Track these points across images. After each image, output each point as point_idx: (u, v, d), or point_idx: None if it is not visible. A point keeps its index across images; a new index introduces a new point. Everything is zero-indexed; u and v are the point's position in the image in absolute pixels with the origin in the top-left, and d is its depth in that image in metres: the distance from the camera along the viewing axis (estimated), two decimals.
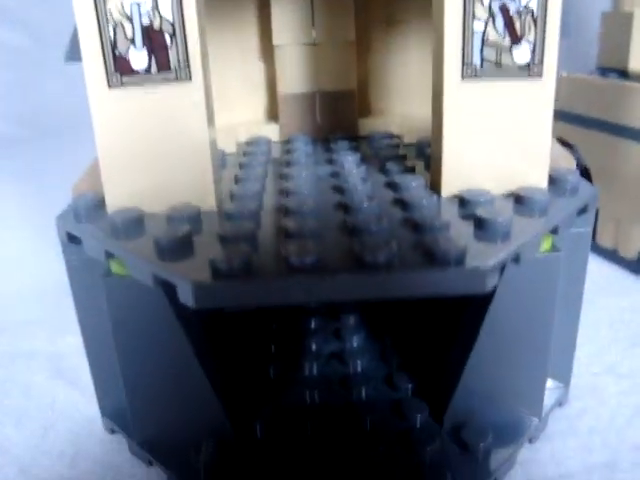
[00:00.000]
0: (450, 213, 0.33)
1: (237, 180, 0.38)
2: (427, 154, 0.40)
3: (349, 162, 0.40)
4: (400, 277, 0.28)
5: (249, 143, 0.45)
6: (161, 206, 0.34)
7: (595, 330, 0.49)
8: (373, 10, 0.47)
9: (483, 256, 0.29)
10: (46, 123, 1.16)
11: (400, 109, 0.49)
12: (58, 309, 0.51)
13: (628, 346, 0.47)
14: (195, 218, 0.33)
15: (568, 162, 0.39)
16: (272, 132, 0.47)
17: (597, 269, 0.57)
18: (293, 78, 0.46)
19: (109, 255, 0.32)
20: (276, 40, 0.45)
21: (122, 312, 0.34)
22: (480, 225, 0.31)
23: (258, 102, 0.49)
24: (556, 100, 0.59)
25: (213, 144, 0.35)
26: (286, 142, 0.46)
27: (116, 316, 0.34)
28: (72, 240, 0.35)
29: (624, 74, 0.73)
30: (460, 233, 0.31)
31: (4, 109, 1.21)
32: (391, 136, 0.46)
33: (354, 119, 0.47)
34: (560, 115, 0.61)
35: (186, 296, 0.28)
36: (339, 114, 0.47)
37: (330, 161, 0.41)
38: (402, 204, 0.34)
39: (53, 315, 0.54)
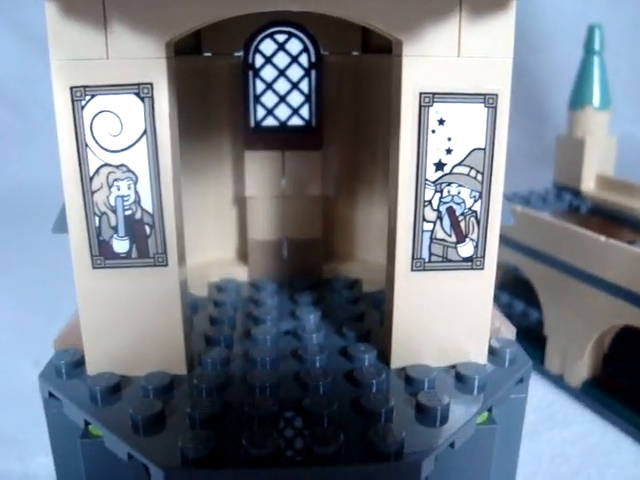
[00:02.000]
0: (396, 392, 0.37)
1: (207, 340, 0.42)
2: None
3: (310, 322, 0.43)
4: (345, 469, 0.31)
5: (220, 288, 0.49)
6: (138, 370, 0.38)
7: (536, 465, 0.52)
8: (340, 167, 0.51)
9: (421, 445, 0.33)
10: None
11: (362, 255, 0.53)
12: (30, 424, 0.54)
13: None
14: (167, 389, 0.36)
15: (508, 332, 0.42)
16: (241, 273, 0.51)
17: (543, 395, 0.61)
18: (262, 226, 0.50)
19: (87, 422, 0.36)
20: (248, 192, 0.49)
21: (99, 474, 0.37)
22: (421, 410, 0.35)
23: (229, 243, 0.53)
24: (512, 231, 0.64)
25: (185, 308, 0.38)
26: (254, 287, 0.49)
27: (92, 477, 0.37)
28: (53, 396, 0.38)
29: (577, 194, 0.79)
30: (402, 417, 0.34)
31: None
32: (351, 285, 0.49)
33: (319, 264, 0.51)
34: (515, 246, 0.65)
35: (158, 478, 0.32)
36: (305, 259, 0.51)
37: (293, 315, 0.45)
38: (354, 380, 0.37)
39: (24, 429, 0.56)
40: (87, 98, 0.34)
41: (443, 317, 0.38)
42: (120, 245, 0.36)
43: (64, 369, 0.38)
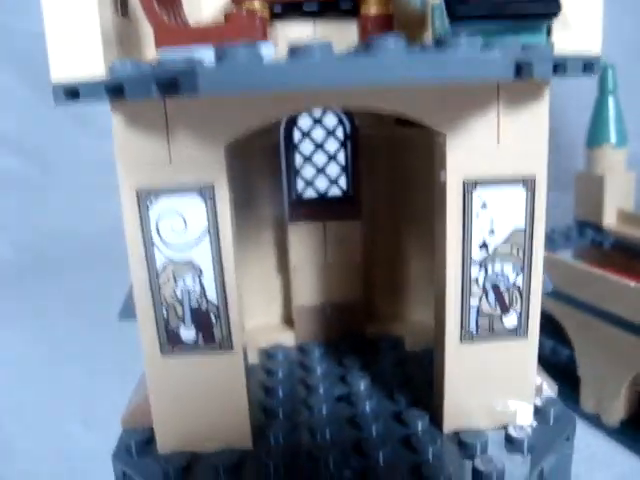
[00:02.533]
0: (450, 456, 0.39)
1: (265, 411, 0.44)
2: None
3: (360, 388, 0.46)
4: None
5: (269, 355, 0.51)
6: (207, 447, 0.40)
7: None
8: (380, 233, 0.53)
9: None
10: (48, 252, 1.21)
11: (404, 314, 0.55)
12: None
13: None
14: (236, 466, 0.39)
15: (550, 390, 0.44)
16: (288, 337, 0.53)
17: (580, 435, 0.63)
18: (306, 292, 0.52)
19: None
20: (293, 262, 0.52)
21: None
22: (478, 475, 0.37)
23: (275, 310, 0.55)
24: None
25: (249, 385, 0.40)
26: (301, 351, 0.52)
27: None
28: (126, 475, 0.40)
29: (599, 229, 0.81)
30: None
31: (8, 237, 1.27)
32: (394, 343, 0.52)
33: (361, 324, 0.53)
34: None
35: None
36: (347, 321, 0.53)
37: (344, 381, 0.47)
38: (410, 447, 0.40)
39: None
40: (152, 199, 0.36)
41: (491, 383, 0.40)
42: (187, 334, 0.38)
43: (134, 448, 0.40)
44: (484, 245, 0.38)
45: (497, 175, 0.37)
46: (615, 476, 0.57)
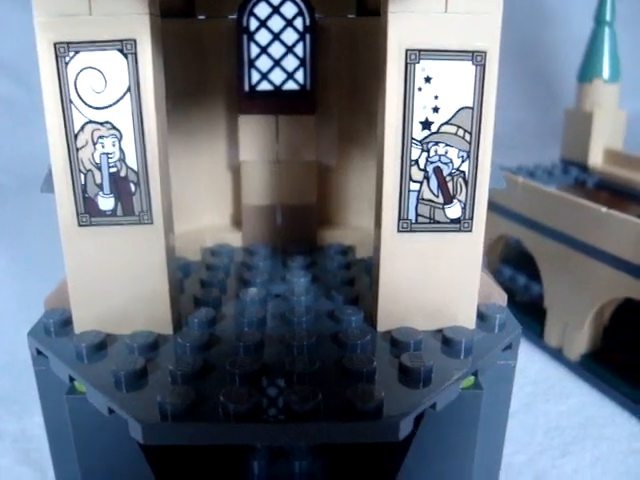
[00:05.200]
0: (380, 353, 0.37)
1: (196, 301, 0.42)
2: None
3: (299, 285, 0.43)
4: (322, 426, 0.31)
5: (213, 253, 0.49)
6: (125, 329, 0.38)
7: (530, 437, 0.52)
8: (335, 133, 0.50)
9: (400, 406, 0.32)
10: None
11: (357, 222, 0.52)
12: (28, 384, 0.54)
13: (559, 455, 0.50)
14: (151, 348, 0.36)
15: (500, 298, 0.42)
16: (235, 239, 0.51)
17: (541, 368, 0.61)
18: (257, 191, 0.50)
19: (72, 378, 0.36)
20: (242, 156, 0.49)
21: (85, 429, 0.37)
22: (403, 371, 0.35)
23: (224, 209, 0.53)
24: (513, 203, 0.64)
25: (171, 267, 0.38)
26: (247, 252, 0.49)
27: (79, 432, 0.37)
28: (41, 354, 0.38)
29: (584, 168, 0.78)
30: (384, 378, 0.34)
31: None
32: (344, 252, 0.49)
33: (313, 231, 0.51)
34: (517, 218, 0.65)
35: (136, 432, 0.32)
36: (299, 226, 0.50)
37: (283, 279, 0.45)
38: (339, 342, 0.37)
39: (22, 390, 0.57)
40: (71, 54, 0.34)
41: (430, 280, 0.38)
42: (105, 203, 0.36)
43: (52, 327, 0.39)
44: (426, 123, 0.35)
45: (443, 45, 0.34)
46: (569, 408, 0.56)
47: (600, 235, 0.56)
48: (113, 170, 0.35)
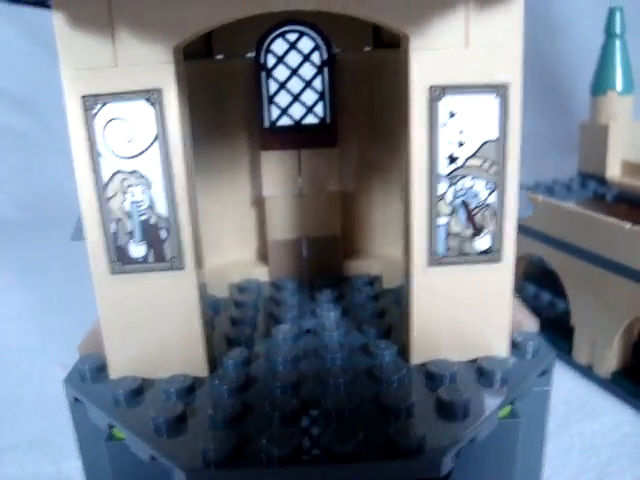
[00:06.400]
0: (416, 388, 0.37)
1: (228, 340, 0.42)
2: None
3: (330, 320, 0.43)
4: (365, 466, 0.31)
5: (241, 289, 0.49)
6: (160, 373, 0.38)
7: (566, 458, 0.52)
8: (357, 164, 0.51)
9: (441, 441, 0.32)
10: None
11: (383, 251, 0.52)
12: (63, 428, 0.54)
13: (596, 476, 0.50)
14: (188, 392, 0.37)
15: (531, 324, 0.42)
16: (262, 273, 0.51)
17: (571, 387, 0.61)
18: (282, 225, 0.50)
19: (111, 425, 0.36)
20: (266, 192, 0.49)
21: (125, 474, 0.37)
22: (441, 405, 0.35)
23: (250, 244, 0.53)
24: (535, 221, 0.64)
25: (203, 310, 0.38)
26: (275, 286, 0.50)
27: (119, 478, 0.38)
28: (78, 400, 0.38)
29: (602, 181, 0.78)
30: (423, 412, 0.34)
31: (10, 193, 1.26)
32: (371, 282, 0.49)
33: (339, 262, 0.51)
34: (539, 237, 0.64)
35: (180, 479, 0.32)
36: (324, 257, 0.51)
37: (313, 313, 0.45)
38: (374, 377, 0.37)
39: (56, 431, 0.57)
40: (98, 106, 0.34)
41: (462, 311, 0.38)
42: (137, 250, 0.36)
43: (88, 374, 0.39)
44: (452, 158, 0.35)
45: (466, 81, 0.34)
46: (603, 425, 0.55)
47: (624, 251, 0.56)
48: (143, 218, 0.36)
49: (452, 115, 0.34)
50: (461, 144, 0.35)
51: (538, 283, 0.73)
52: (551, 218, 0.63)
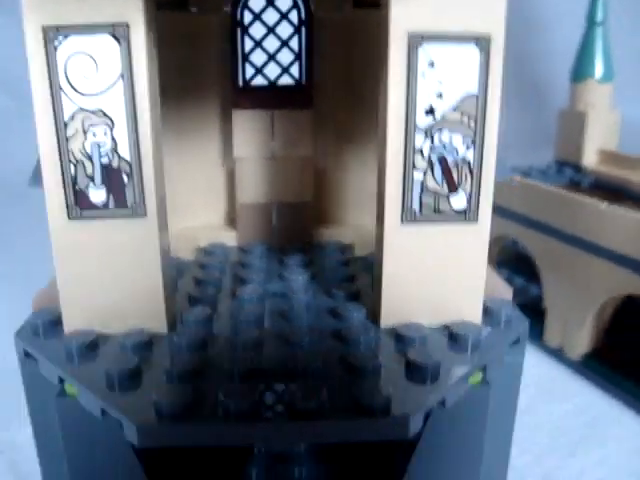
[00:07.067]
0: (385, 349, 0.35)
1: (190, 300, 0.40)
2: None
3: (298, 283, 0.42)
4: (328, 424, 0.30)
5: (207, 252, 0.47)
6: (117, 328, 0.36)
7: (536, 437, 0.51)
8: (332, 128, 0.49)
9: (409, 402, 0.31)
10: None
11: (355, 219, 0.51)
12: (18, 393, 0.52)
13: (565, 455, 0.49)
14: (145, 346, 0.35)
15: (505, 292, 0.41)
16: (230, 238, 0.49)
17: (542, 370, 0.60)
18: (252, 189, 0.48)
19: (62, 380, 0.34)
20: (237, 153, 0.48)
21: (75, 433, 0.35)
22: (410, 367, 0.33)
23: (218, 207, 0.51)
24: (510, 202, 0.63)
25: (165, 263, 0.36)
26: (242, 251, 0.48)
27: (69, 437, 0.36)
28: (29, 356, 0.36)
29: (578, 169, 0.77)
30: (390, 374, 0.33)
31: None
32: (343, 249, 0.48)
33: (310, 229, 0.49)
34: (513, 217, 0.64)
35: (131, 434, 0.30)
36: (295, 224, 0.49)
37: (281, 277, 0.43)
38: (341, 338, 0.36)
39: (10, 399, 0.55)
40: (60, 39, 0.32)
41: (435, 274, 0.37)
42: (97, 195, 0.34)
43: (41, 328, 0.37)
44: (430, 110, 0.34)
45: (447, 30, 0.33)
46: (573, 408, 0.54)
47: (600, 231, 0.55)
48: (105, 160, 0.34)
49: (432, 65, 0.33)
50: (440, 95, 0.34)
51: (511, 268, 0.72)
52: (526, 198, 0.62)
